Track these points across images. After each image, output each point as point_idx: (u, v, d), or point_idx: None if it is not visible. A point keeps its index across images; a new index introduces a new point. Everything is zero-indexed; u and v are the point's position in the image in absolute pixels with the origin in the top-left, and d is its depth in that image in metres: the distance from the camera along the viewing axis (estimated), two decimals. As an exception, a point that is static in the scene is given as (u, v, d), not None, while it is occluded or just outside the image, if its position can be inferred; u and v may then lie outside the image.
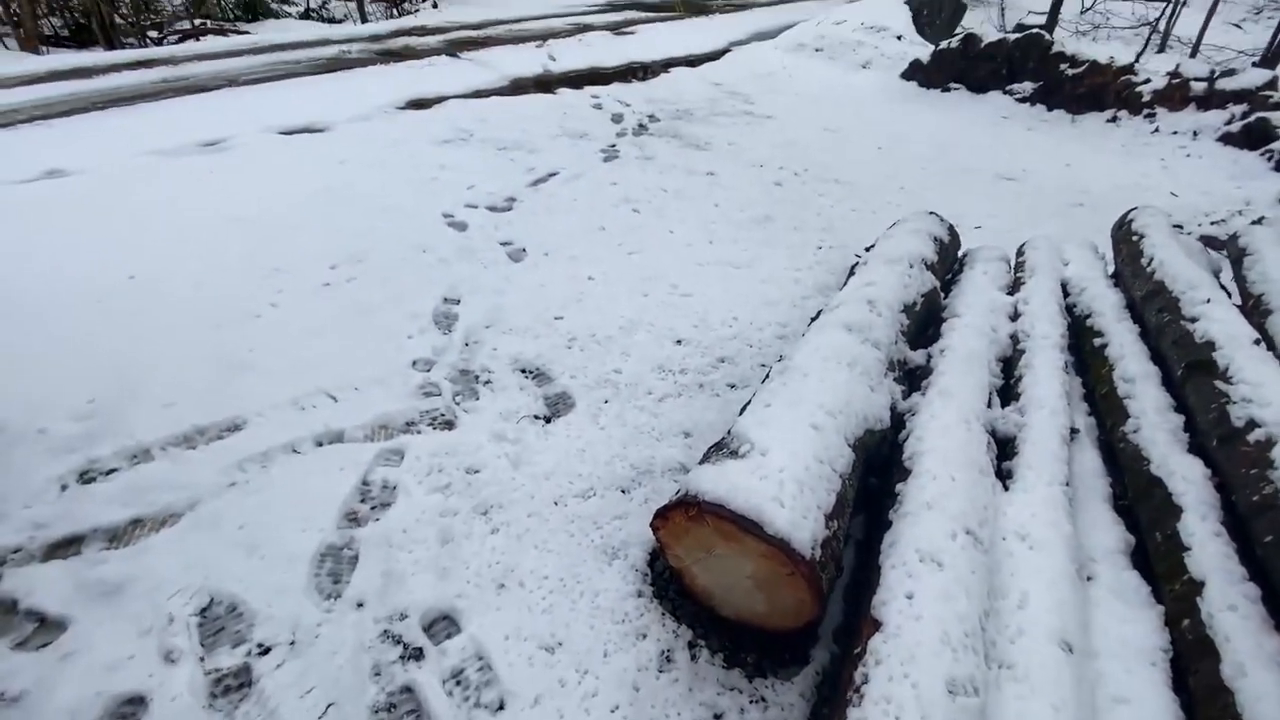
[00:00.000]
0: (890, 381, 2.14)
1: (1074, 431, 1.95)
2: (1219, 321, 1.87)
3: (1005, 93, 6.13)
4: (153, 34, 8.44)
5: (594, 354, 2.72)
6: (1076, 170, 4.85)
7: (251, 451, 2.07)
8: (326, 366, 2.46)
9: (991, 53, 6.39)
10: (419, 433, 2.23)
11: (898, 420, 2.03)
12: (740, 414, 1.93)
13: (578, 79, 6.97)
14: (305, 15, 10.23)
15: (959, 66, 6.52)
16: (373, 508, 1.94)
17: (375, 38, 8.56)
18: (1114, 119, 5.50)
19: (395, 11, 10.27)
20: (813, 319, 2.60)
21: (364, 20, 9.59)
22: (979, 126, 5.79)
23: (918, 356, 2.35)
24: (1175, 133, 5.08)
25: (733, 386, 2.65)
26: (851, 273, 2.99)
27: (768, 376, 2.12)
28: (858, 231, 3.86)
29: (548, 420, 2.35)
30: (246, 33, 8.57)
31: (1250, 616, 1.29)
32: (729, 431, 1.83)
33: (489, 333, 2.78)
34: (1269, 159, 4.53)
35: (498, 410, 2.35)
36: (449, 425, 2.28)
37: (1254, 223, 2.78)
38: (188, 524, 1.82)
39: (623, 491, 2.10)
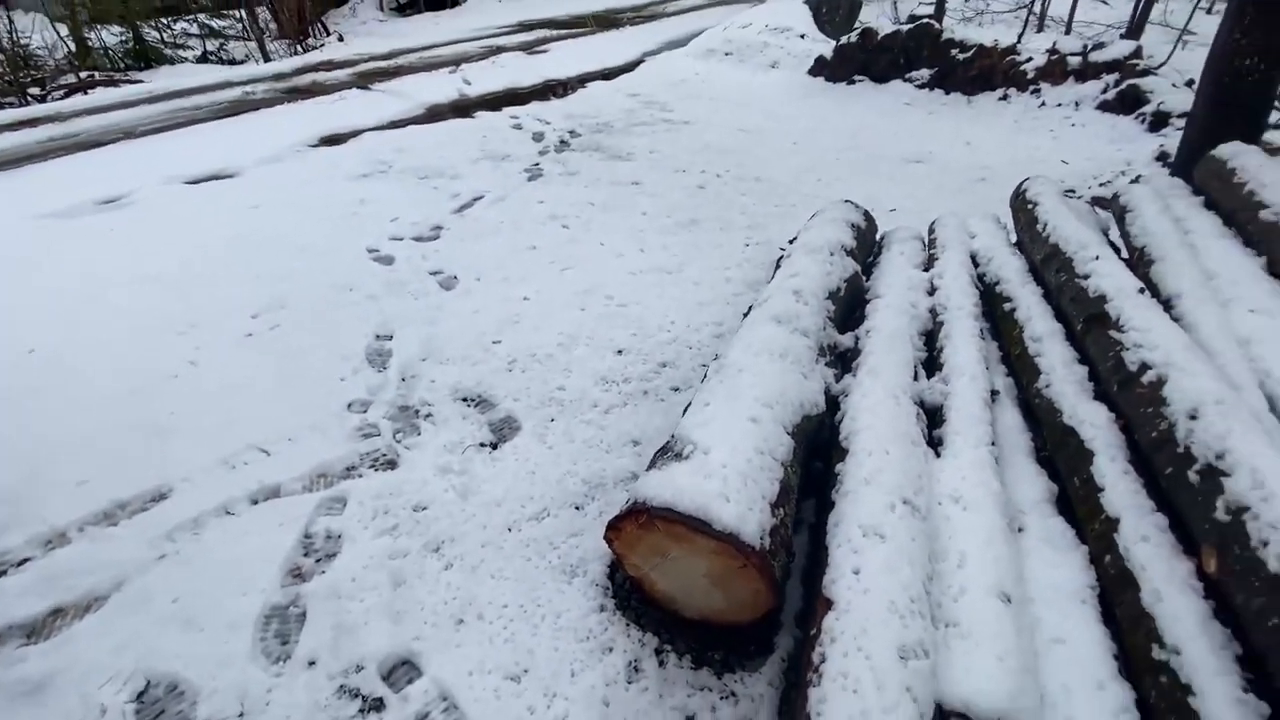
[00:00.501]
0: (822, 367, 2.22)
1: (994, 393, 2.06)
2: (1108, 276, 2.02)
3: (905, 81, 6.46)
4: (34, 90, 7.94)
5: (535, 374, 2.71)
6: (976, 148, 5.15)
7: (180, 519, 1.96)
8: (255, 420, 2.36)
9: (888, 44, 6.72)
10: (361, 476, 2.17)
11: (834, 403, 2.10)
12: (683, 416, 1.95)
13: (495, 101, 6.95)
14: (202, 59, 9.84)
15: (860, 59, 6.83)
16: (318, 560, 1.87)
17: (280, 76, 8.31)
18: (1005, 97, 5.87)
19: (299, 48, 9.99)
20: (745, 315, 2.66)
21: (266, 60, 9.29)
22: (884, 115, 6.07)
23: (846, 339, 2.44)
24: (1060, 105, 5.46)
25: (676, 390, 2.68)
26: (778, 266, 3.08)
27: (705, 376, 2.16)
28: (781, 225, 3.98)
29: (494, 446, 2.32)
30: (139, 81, 8.17)
31: (1161, 544, 1.39)
32: (672, 435, 1.86)
33: (426, 365, 2.73)
34: (1142, 121, 4.93)
35: (441, 443, 2.30)
36: (391, 465, 2.22)
37: (1133, 181, 3.02)
38: (114, 605, 1.71)
39: (577, 508, 2.09)
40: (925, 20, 6.77)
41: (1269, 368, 1.78)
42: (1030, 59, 5.89)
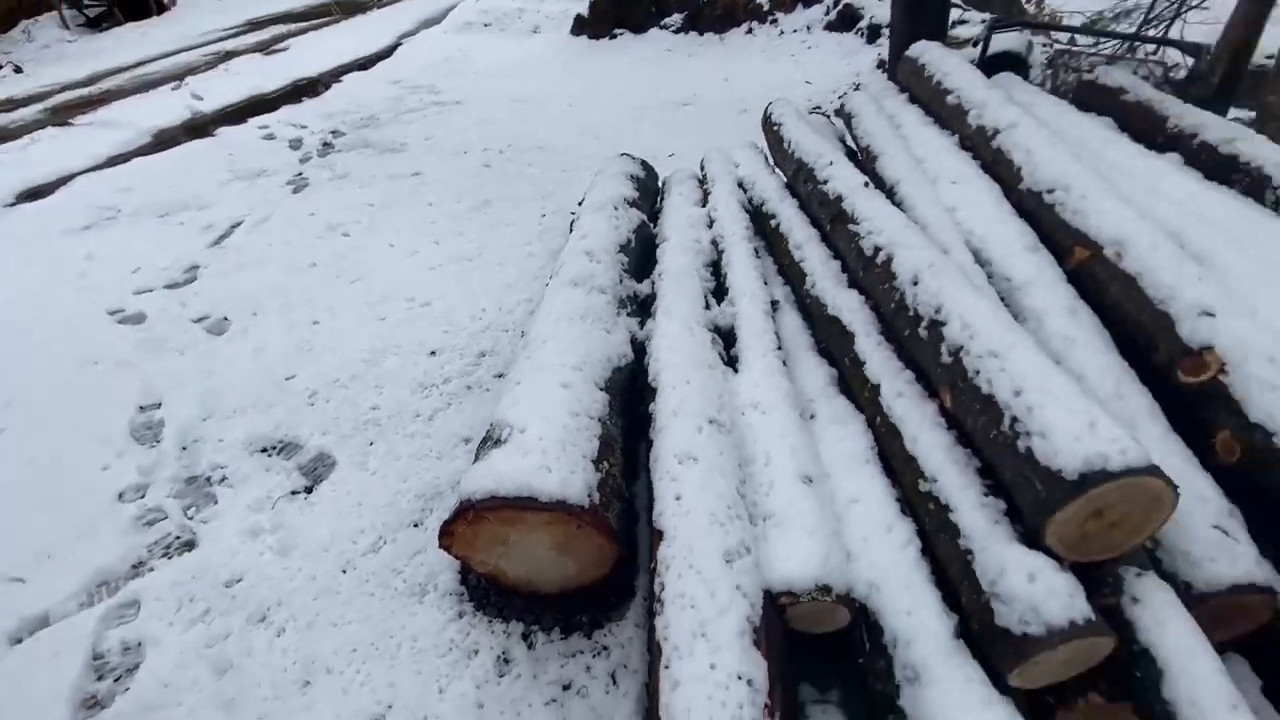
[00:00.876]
0: (624, 318, 2.28)
1: (775, 304, 2.26)
2: (840, 178, 2.28)
3: (661, 28, 6.69)
4: None
5: (342, 400, 2.50)
6: (734, 82, 5.50)
7: (-88, 695, 1.58)
8: (-5, 547, 1.94)
9: (640, -6, 6.88)
10: (152, 570, 1.88)
11: (641, 349, 2.18)
12: (499, 401, 1.92)
13: (237, 113, 6.15)
14: None
15: (616, 13, 6.94)
16: (116, 679, 1.61)
17: (-64, 129, 6.67)
18: (750, 31, 6.31)
19: (-42, 90, 8.01)
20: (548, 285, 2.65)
21: (-88, 110, 7.34)
22: (649, 63, 6.26)
23: (644, 287, 2.53)
24: (795, 31, 5.99)
25: (500, 376, 2.62)
26: (572, 230, 3.10)
27: (516, 356, 2.13)
28: (570, 190, 3.97)
29: (308, 490, 2.12)
30: None
31: (913, 396, 1.62)
32: (490, 423, 1.82)
33: (209, 424, 2.41)
34: (861, 35, 5.57)
35: (245, 504, 2.06)
36: (189, 546, 1.95)
37: (854, 90, 3.42)
38: None
39: (415, 525, 1.99)
40: (667, -33, 7.01)
41: (971, 228, 2.12)
42: (763, -8, 6.37)
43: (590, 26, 7.03)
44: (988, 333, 1.44)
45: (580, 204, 3.32)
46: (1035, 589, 1.13)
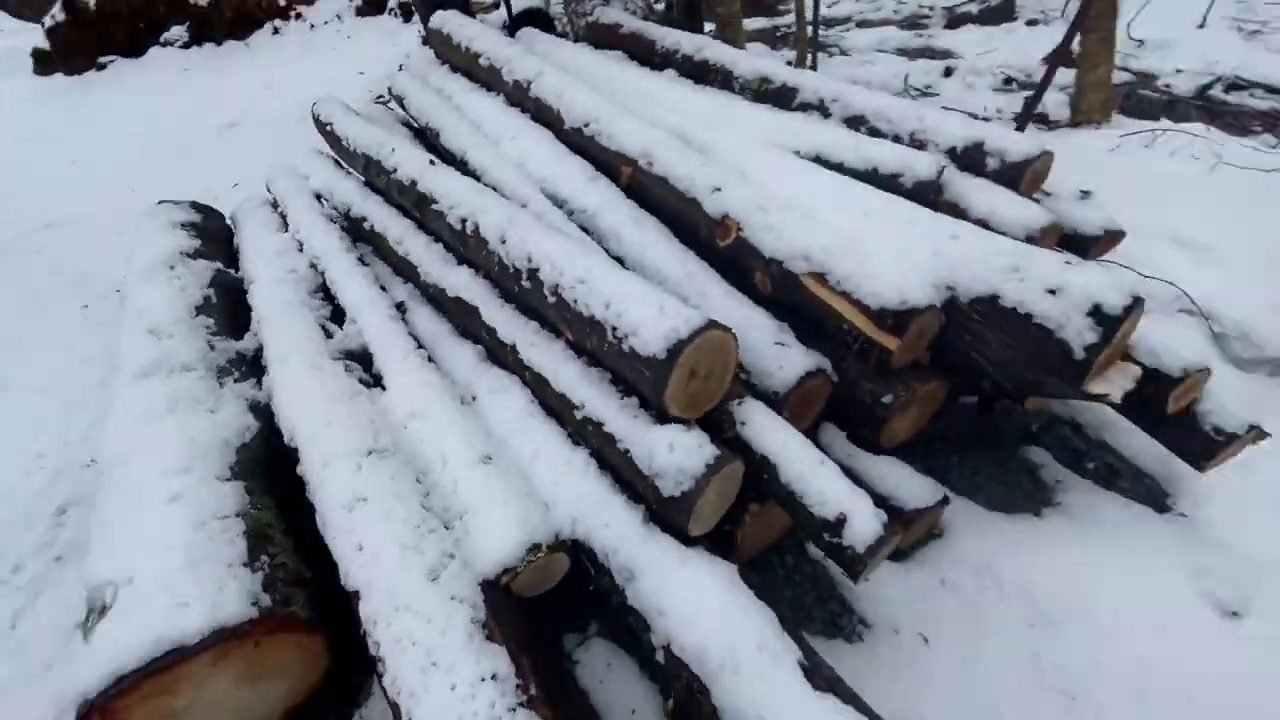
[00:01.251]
0: (232, 385, 1.93)
1: (400, 305, 2.15)
2: (407, 162, 2.23)
3: (163, 45, 5.54)
4: None
5: None
6: (280, 89, 4.89)
7: None
8: None
9: (111, 11, 5.55)
10: None
11: (269, 410, 1.88)
12: (85, 565, 1.46)
13: None
14: None
15: (92, 38, 5.50)
16: None
17: None
18: (277, 31, 5.65)
19: None
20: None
21: None
22: (168, 91, 5.15)
23: (247, 341, 2.17)
24: (327, 23, 5.56)
25: (59, 559, 2.00)
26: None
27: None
28: (111, 266, 3.16)
29: None
30: None
31: (542, 343, 1.72)
32: (85, 591, 1.39)
33: None
34: (396, 15, 5.45)
35: None
36: None
37: (400, 70, 3.35)
38: None
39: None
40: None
41: (540, 175, 2.29)
42: (272, -14, 5.70)
43: (60, 61, 5.47)
44: (571, 264, 1.58)
45: (125, 277, 2.66)
46: (675, 455, 1.33)
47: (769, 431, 1.45)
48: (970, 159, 2.03)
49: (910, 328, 1.51)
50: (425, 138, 2.89)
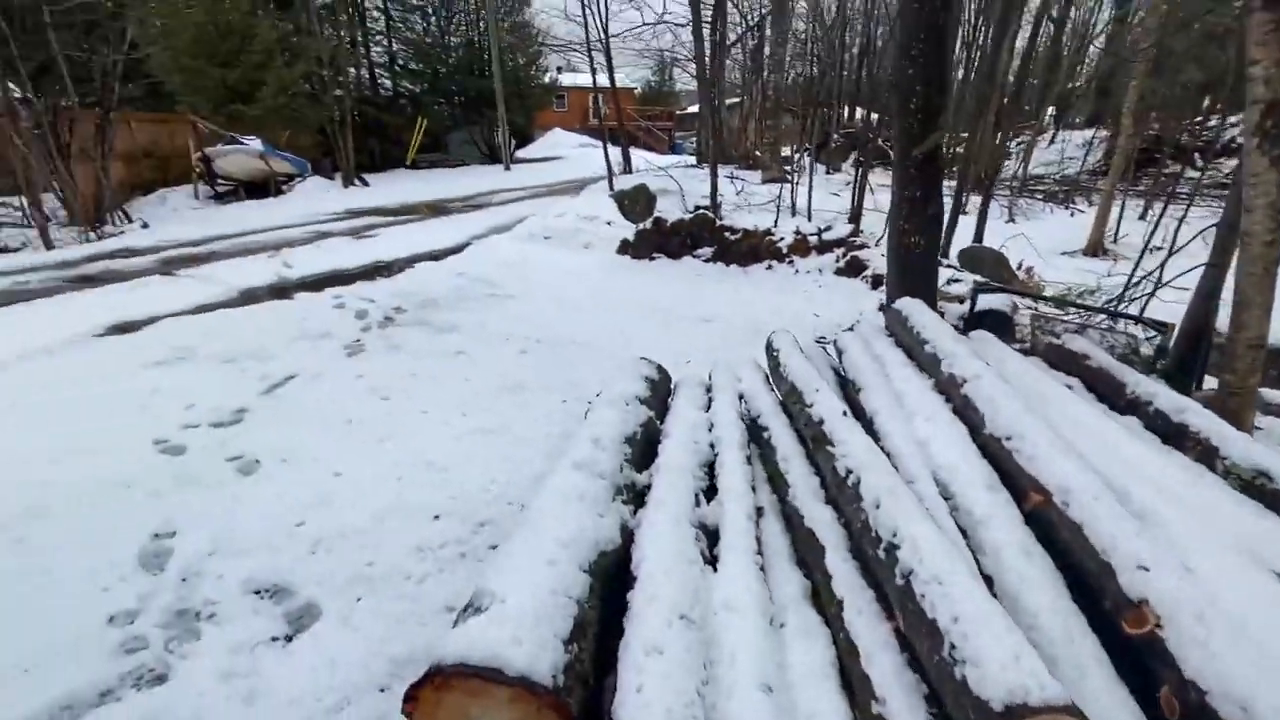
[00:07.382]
0: (619, 504, 2.45)
1: (759, 510, 2.42)
2: (823, 405, 2.58)
3: (694, 257, 7.75)
4: None
5: (343, 554, 2.62)
6: (751, 308, 6.22)
7: None
8: (-22, 655, 2.00)
9: (678, 229, 8.09)
10: (119, 700, 1.90)
11: (630, 538, 2.32)
12: (487, 569, 2.03)
13: (317, 283, 7.03)
14: (-37, 249, 8.86)
15: (656, 241, 8.09)
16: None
17: (66, 264, 7.77)
18: (770, 267, 7.25)
19: (93, 235, 9.43)
20: (555, 466, 2.87)
21: (49, 247, 8.62)
22: (680, 283, 7.14)
23: (643, 477, 2.73)
24: (809, 272, 6.88)
25: (494, 547, 2.74)
26: (586, 418, 3.40)
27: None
28: (594, 383, 4.39)
29: (289, 639, 2.16)
30: None
31: (872, 615, 1.71)
32: (475, 589, 1.92)
33: (214, 559, 2.53)
34: (866, 282, 6.37)
35: (226, 645, 2.11)
36: (160, 679, 1.98)
37: (847, 330, 3.91)
38: None
39: (381, 690, 1.99)
40: (704, 210, 8.31)
41: (939, 462, 2.34)
42: (783, 238, 7.44)
43: (634, 249, 8.15)
44: (934, 558, 1.58)
45: (597, 395, 3.68)
46: (968, 827, 1.14)
47: None
48: None
49: None
50: (847, 389, 3.27)
